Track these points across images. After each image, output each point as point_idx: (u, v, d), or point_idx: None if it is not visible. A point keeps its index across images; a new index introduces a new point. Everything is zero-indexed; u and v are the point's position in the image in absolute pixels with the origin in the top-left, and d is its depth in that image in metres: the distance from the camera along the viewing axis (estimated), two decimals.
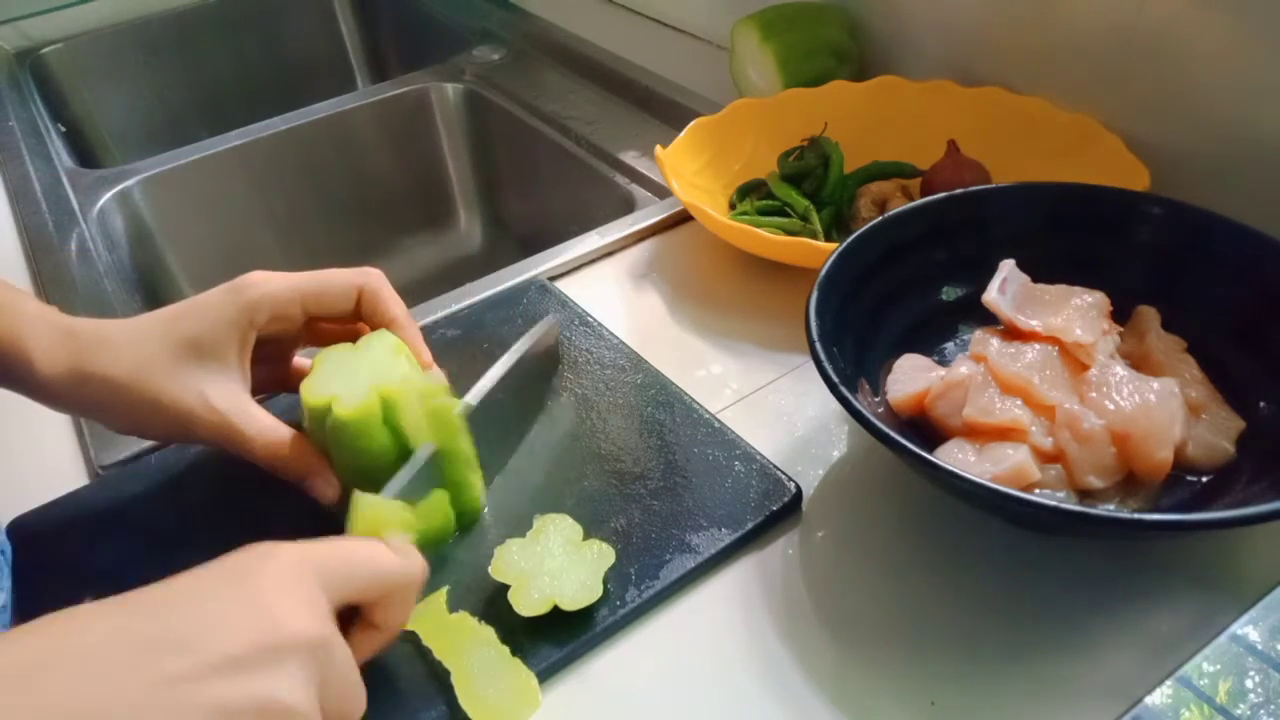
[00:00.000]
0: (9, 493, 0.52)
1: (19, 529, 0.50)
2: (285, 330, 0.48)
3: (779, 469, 0.49)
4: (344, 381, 0.45)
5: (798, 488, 0.48)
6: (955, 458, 0.45)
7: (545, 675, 0.42)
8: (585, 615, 0.43)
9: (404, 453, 0.44)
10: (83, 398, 0.45)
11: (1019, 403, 0.46)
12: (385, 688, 0.41)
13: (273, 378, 0.51)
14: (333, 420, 0.44)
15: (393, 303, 0.49)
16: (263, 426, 0.46)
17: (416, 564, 0.39)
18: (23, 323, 0.44)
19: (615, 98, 0.93)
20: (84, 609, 0.29)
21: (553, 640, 0.42)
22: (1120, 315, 0.51)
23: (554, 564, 0.43)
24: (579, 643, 0.42)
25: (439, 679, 0.41)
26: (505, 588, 0.42)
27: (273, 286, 0.46)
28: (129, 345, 0.45)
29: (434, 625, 0.42)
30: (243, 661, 0.29)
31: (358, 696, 0.35)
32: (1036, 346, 0.48)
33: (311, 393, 0.45)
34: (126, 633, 0.29)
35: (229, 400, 0.45)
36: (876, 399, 0.50)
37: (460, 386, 0.48)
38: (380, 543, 0.38)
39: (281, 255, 0.98)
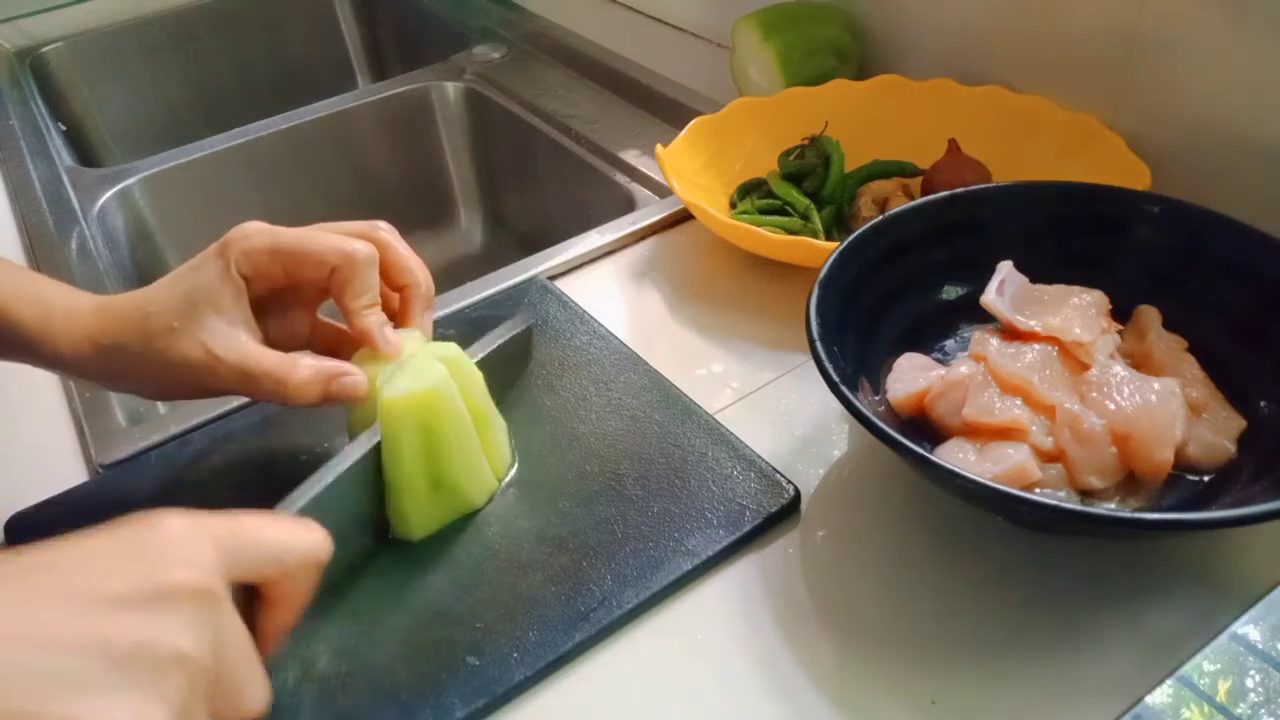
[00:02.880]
0: (9, 492, 0.52)
1: (17, 524, 0.50)
2: (274, 286, 0.48)
3: (778, 471, 0.49)
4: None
5: (796, 490, 0.48)
6: (955, 457, 0.45)
7: (544, 675, 0.42)
8: (583, 615, 0.43)
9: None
10: (109, 371, 0.47)
11: (1019, 402, 0.46)
12: None
13: (291, 331, 0.50)
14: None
15: (407, 266, 0.48)
16: (267, 356, 0.46)
17: (319, 541, 0.36)
18: (51, 302, 0.46)
19: (616, 96, 0.93)
20: None
21: (552, 640, 0.42)
22: (1121, 315, 0.51)
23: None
24: (578, 643, 0.42)
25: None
26: None
27: (250, 244, 0.46)
28: (135, 312, 0.46)
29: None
30: (124, 603, 0.28)
31: (255, 683, 0.32)
32: (1036, 346, 0.48)
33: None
34: (7, 585, 0.28)
35: (230, 346, 0.45)
36: (877, 398, 0.50)
37: None
38: (281, 517, 0.37)
39: None
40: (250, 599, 0.35)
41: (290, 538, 0.35)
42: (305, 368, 0.45)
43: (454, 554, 0.47)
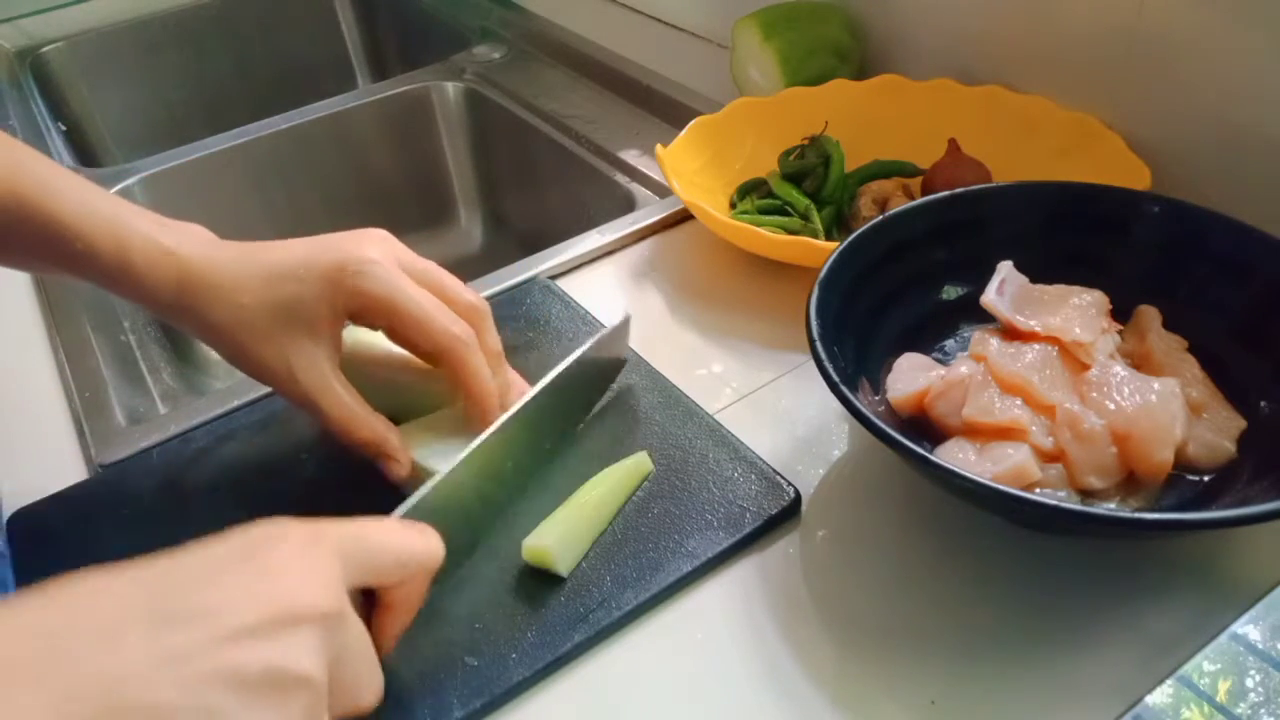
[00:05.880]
0: (10, 490, 0.52)
1: (19, 522, 0.50)
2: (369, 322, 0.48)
3: (778, 473, 0.49)
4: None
5: (797, 492, 0.48)
6: (956, 457, 0.45)
7: (542, 676, 0.42)
8: (582, 616, 0.43)
9: None
10: (185, 325, 0.47)
11: (1019, 402, 0.46)
12: None
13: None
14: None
15: (478, 377, 0.47)
16: (341, 404, 0.46)
17: (435, 546, 0.38)
18: (131, 243, 0.46)
19: (616, 96, 0.93)
20: (91, 578, 0.29)
21: (551, 641, 0.42)
22: (1121, 315, 0.51)
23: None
24: (577, 644, 0.42)
25: None
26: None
27: (368, 288, 0.45)
28: (229, 293, 0.46)
29: None
30: (255, 631, 0.29)
31: (373, 680, 0.34)
32: (1036, 346, 0.48)
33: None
34: (137, 604, 0.28)
35: (313, 373, 0.46)
36: (877, 398, 0.50)
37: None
38: (397, 524, 0.38)
39: None
40: (368, 598, 0.37)
41: (410, 543, 0.37)
42: (367, 429, 0.46)
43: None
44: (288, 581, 0.30)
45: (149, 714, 0.26)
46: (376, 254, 0.46)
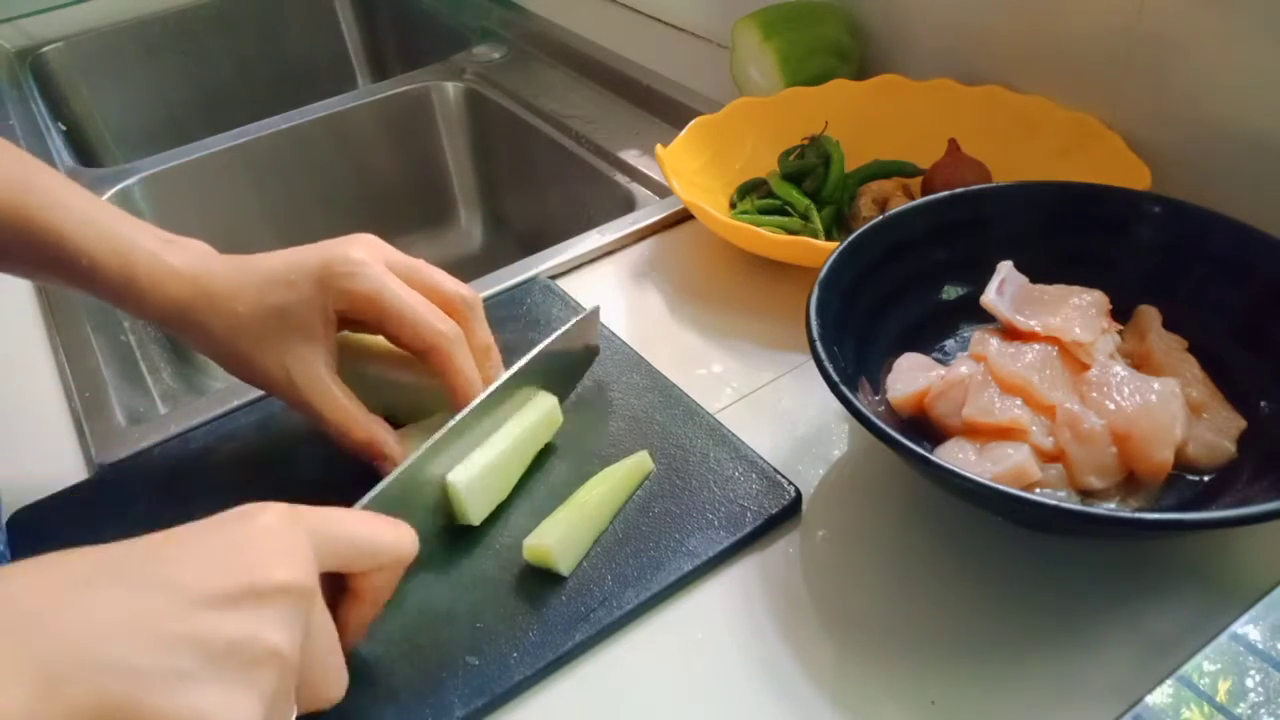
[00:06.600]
0: (10, 490, 0.52)
1: (19, 522, 0.50)
2: (361, 320, 0.48)
3: (779, 472, 0.49)
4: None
5: (797, 491, 0.48)
6: (956, 457, 0.45)
7: (544, 675, 0.42)
8: (583, 615, 0.43)
9: None
10: (188, 339, 0.48)
11: (1019, 402, 0.46)
12: None
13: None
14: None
15: (461, 375, 0.47)
16: (337, 407, 0.47)
17: (408, 538, 0.39)
18: (136, 261, 0.47)
19: (616, 96, 0.93)
20: (78, 550, 0.30)
21: (552, 640, 0.42)
22: (1121, 315, 0.51)
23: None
24: (578, 643, 0.42)
25: None
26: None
27: (355, 286, 0.46)
28: (225, 302, 0.47)
29: None
30: (227, 601, 0.29)
31: (337, 673, 0.35)
32: (1036, 346, 0.48)
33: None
34: (114, 571, 0.29)
35: (309, 376, 0.47)
36: (877, 398, 0.50)
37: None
38: (370, 515, 0.38)
39: None
40: (335, 589, 0.37)
41: (381, 534, 0.37)
42: (363, 431, 0.47)
43: (454, 554, 0.47)
44: (262, 555, 0.31)
45: (122, 674, 0.27)
46: (363, 255, 0.47)
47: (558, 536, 0.44)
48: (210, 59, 1.22)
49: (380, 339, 0.50)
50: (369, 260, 0.47)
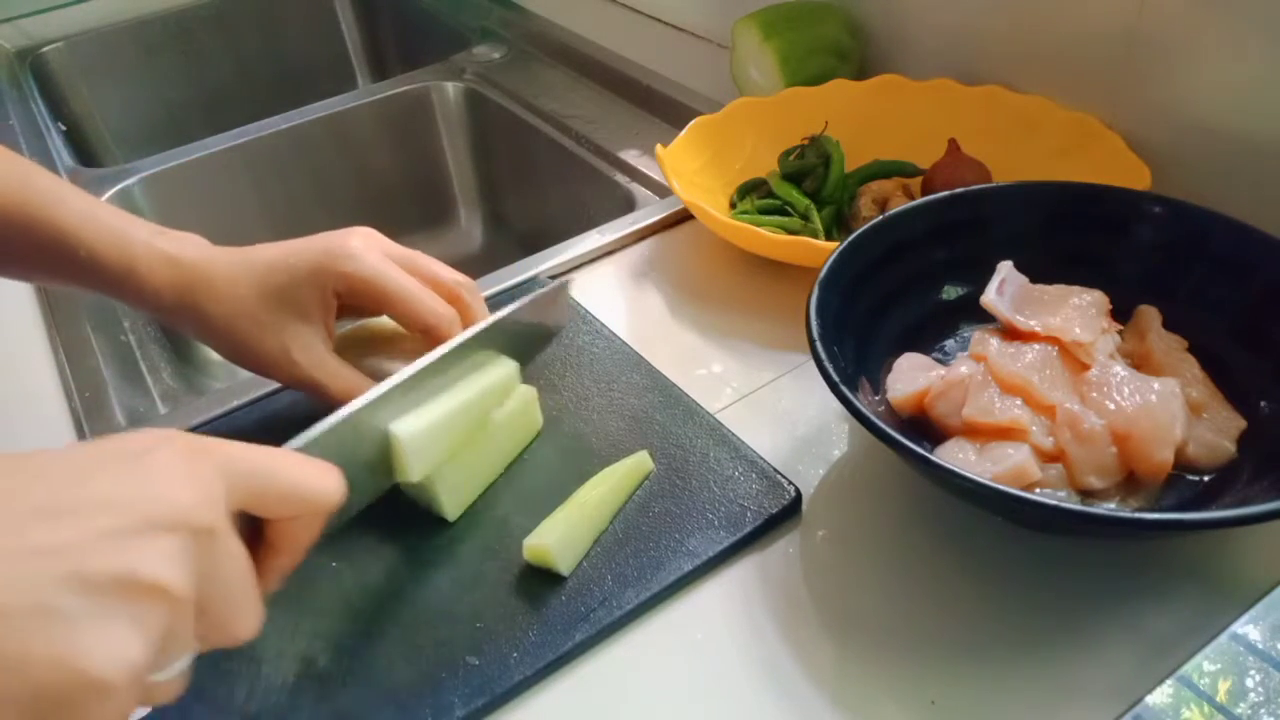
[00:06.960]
0: None
1: None
2: (358, 305, 0.50)
3: (779, 472, 0.49)
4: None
5: (797, 491, 0.48)
6: (956, 457, 0.45)
7: (544, 675, 0.42)
8: (583, 615, 0.43)
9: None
10: (186, 326, 0.49)
11: (1019, 402, 0.46)
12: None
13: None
14: None
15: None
16: (340, 377, 0.49)
17: (333, 484, 0.35)
18: (134, 250, 0.48)
19: (616, 96, 0.93)
20: None
21: (552, 640, 0.42)
22: (1121, 315, 0.51)
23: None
24: (578, 643, 0.42)
25: None
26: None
27: (355, 271, 0.48)
28: (225, 288, 0.48)
29: None
30: (115, 534, 0.27)
31: (247, 608, 0.32)
32: (1036, 346, 0.48)
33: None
34: (5, 497, 0.27)
35: (310, 353, 0.49)
36: (877, 398, 0.50)
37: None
38: (297, 456, 0.35)
39: None
40: (256, 528, 0.34)
41: (304, 477, 0.34)
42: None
43: (454, 554, 0.47)
44: (159, 488, 0.29)
45: None
46: (361, 244, 0.49)
47: (558, 536, 0.44)
48: (210, 59, 1.23)
49: (376, 334, 0.52)
50: (367, 248, 0.49)
